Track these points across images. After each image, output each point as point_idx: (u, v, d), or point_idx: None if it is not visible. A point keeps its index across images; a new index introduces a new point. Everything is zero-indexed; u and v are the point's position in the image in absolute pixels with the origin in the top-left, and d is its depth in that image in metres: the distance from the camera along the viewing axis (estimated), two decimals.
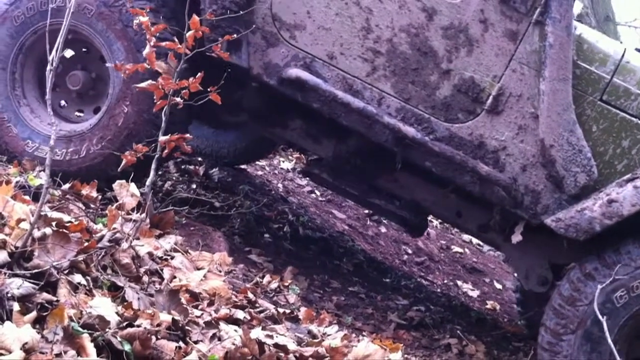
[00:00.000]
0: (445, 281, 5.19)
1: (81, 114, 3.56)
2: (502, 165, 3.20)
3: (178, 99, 2.91)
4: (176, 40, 2.99)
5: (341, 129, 3.45)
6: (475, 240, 6.18)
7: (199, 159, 4.71)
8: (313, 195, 5.53)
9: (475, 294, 5.11)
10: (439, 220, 6.18)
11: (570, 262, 3.29)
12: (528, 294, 4.12)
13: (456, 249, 5.80)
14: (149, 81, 2.96)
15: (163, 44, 2.91)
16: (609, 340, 2.77)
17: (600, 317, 2.83)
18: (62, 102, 3.60)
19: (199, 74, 2.98)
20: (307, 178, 4.59)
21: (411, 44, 3.20)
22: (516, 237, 3.30)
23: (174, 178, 4.28)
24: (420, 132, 3.21)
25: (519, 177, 3.19)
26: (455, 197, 3.51)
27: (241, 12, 3.23)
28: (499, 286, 5.51)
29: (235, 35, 3.08)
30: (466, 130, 3.20)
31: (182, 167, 4.48)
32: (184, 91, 2.95)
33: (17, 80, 3.48)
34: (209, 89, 2.93)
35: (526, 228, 3.31)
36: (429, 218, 4.26)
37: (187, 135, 3.01)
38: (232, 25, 3.24)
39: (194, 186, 4.26)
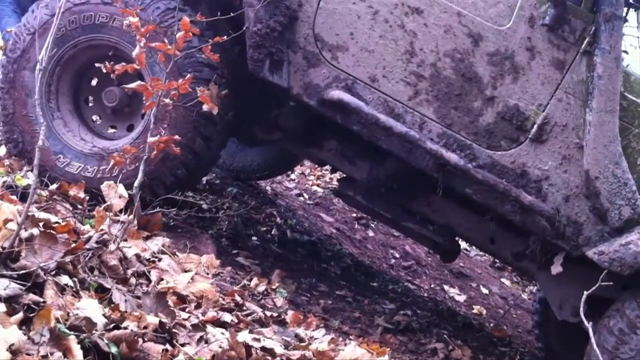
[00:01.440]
0: (432, 285, 5.21)
1: (114, 130, 3.50)
2: (545, 195, 3.16)
3: (168, 100, 2.91)
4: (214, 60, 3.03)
5: (377, 152, 3.42)
6: (462, 245, 6.20)
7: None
8: (301, 198, 5.53)
9: (462, 298, 5.13)
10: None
11: (606, 295, 3.18)
12: (550, 320, 4.10)
13: None
14: (138, 82, 2.95)
15: (153, 44, 2.91)
16: None
17: None
18: (95, 117, 3.53)
19: (188, 75, 2.99)
20: (339, 198, 4.51)
21: (455, 69, 3.17)
22: (556, 269, 3.28)
23: None
24: (463, 159, 3.18)
25: (561, 207, 3.15)
26: (490, 223, 3.46)
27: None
28: (485, 291, 5.53)
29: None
30: (509, 159, 3.17)
31: None
32: (173, 92, 2.96)
33: (52, 92, 3.40)
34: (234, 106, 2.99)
35: (564, 258, 3.28)
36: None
37: (176, 137, 3.01)
38: (276, 44, 3.21)
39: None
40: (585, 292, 2.43)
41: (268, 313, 2.77)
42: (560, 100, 3.10)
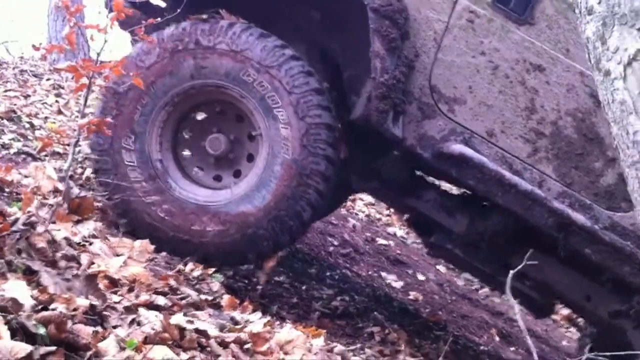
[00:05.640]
0: (370, 272, 5.25)
1: (218, 181, 3.33)
2: None
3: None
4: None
5: (478, 205, 3.39)
6: (399, 233, 6.27)
7: None
8: None
9: (398, 285, 5.18)
10: (365, 214, 6.26)
11: None
12: None
13: (381, 241, 5.86)
14: (67, 62, 2.87)
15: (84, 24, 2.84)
16: None
17: None
18: (196, 169, 3.33)
19: (122, 57, 2.93)
20: (430, 251, 4.33)
21: (577, 128, 3.13)
22: None
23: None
24: (590, 220, 3.14)
25: None
26: (589, 281, 3.44)
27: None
28: (421, 278, 5.60)
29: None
30: (629, 220, 3.14)
31: None
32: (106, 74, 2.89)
33: (161, 141, 3.22)
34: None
35: None
36: None
37: (108, 119, 2.95)
38: (398, 95, 3.14)
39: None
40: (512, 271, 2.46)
41: (203, 297, 2.74)
42: None
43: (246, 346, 2.36)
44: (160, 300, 2.44)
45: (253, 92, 3.12)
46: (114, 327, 2.09)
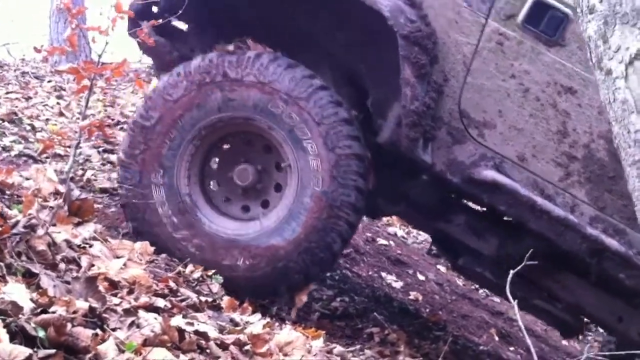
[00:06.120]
0: (370, 273, 5.25)
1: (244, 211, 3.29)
2: None
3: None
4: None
5: (507, 228, 3.35)
6: (400, 233, 6.27)
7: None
8: None
9: (398, 285, 5.19)
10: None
11: None
12: None
13: (381, 241, 5.87)
14: (69, 64, 2.89)
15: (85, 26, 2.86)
16: None
17: None
18: (223, 200, 3.30)
19: (123, 59, 2.95)
20: (458, 273, 4.33)
21: (609, 151, 3.06)
22: None
23: (95, 167, 4.19)
24: (624, 245, 3.11)
25: None
26: (621, 302, 3.42)
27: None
28: (422, 277, 5.61)
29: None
30: None
31: (105, 156, 4.39)
32: (106, 76, 2.91)
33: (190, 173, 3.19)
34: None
35: None
36: None
37: (109, 121, 2.96)
38: (428, 121, 3.11)
39: (115, 175, 4.17)
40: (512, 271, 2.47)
41: (203, 298, 2.75)
42: None
43: (245, 348, 2.37)
44: (160, 303, 2.45)
45: (282, 123, 3.09)
46: (114, 329, 2.10)
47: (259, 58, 3.10)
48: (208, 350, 2.24)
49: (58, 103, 5.59)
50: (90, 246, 2.69)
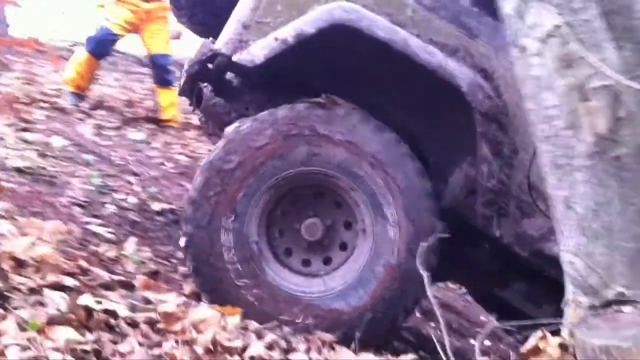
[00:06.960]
0: None
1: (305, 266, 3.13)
2: None
3: None
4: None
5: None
6: None
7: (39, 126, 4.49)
8: (163, 167, 5.42)
9: None
10: None
11: None
12: None
13: None
14: None
15: None
16: None
17: None
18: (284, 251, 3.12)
19: None
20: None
21: None
22: None
23: (9, 146, 4.06)
24: None
25: None
26: None
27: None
28: None
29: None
30: None
31: (19, 134, 4.26)
32: None
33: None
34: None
35: None
36: None
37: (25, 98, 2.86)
38: (503, 199, 3.02)
39: (32, 155, 4.05)
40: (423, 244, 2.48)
41: (115, 277, 2.70)
42: None
43: (158, 326, 2.35)
44: (68, 282, 2.40)
45: (364, 186, 2.99)
46: (15, 308, 2.04)
47: (349, 116, 3.01)
48: (117, 329, 2.21)
49: None
50: None
